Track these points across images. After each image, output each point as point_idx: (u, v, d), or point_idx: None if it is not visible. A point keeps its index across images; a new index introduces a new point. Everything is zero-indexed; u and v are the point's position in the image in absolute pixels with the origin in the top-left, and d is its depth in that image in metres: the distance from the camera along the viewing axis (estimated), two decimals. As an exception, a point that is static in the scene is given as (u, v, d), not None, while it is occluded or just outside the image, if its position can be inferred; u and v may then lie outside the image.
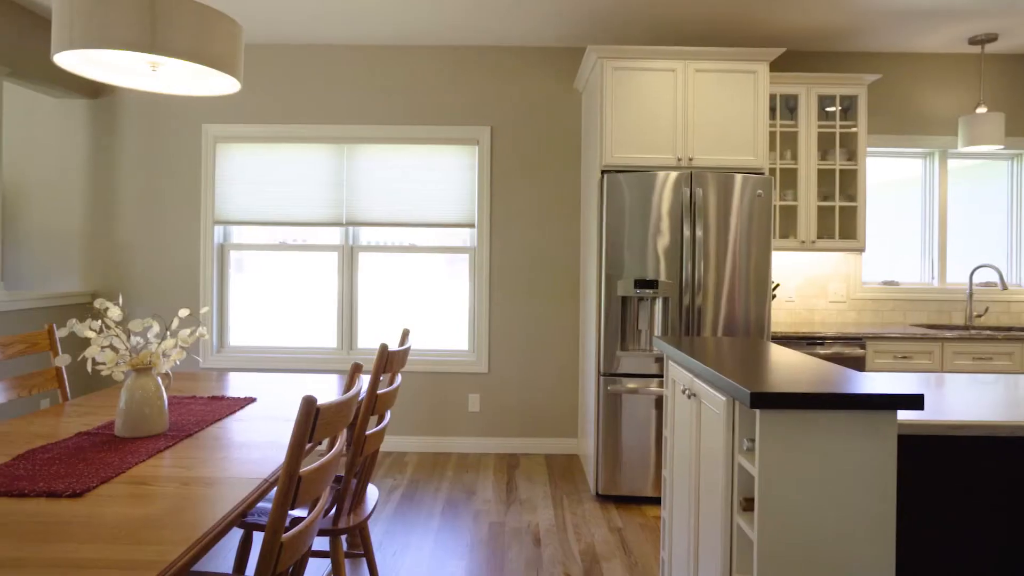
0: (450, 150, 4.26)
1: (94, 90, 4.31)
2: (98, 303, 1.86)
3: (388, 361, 2.14)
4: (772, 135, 3.99)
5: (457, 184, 4.26)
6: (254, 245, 4.33)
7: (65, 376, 2.35)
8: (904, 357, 3.62)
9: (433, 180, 4.26)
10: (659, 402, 3.37)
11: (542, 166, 4.26)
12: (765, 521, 1.47)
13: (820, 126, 3.93)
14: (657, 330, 3.41)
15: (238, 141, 4.28)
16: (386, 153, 4.26)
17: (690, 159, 3.50)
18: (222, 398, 2.30)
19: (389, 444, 4.24)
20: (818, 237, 4.00)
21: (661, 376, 3.40)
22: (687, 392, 2.06)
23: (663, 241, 3.37)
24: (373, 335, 4.33)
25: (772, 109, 3.98)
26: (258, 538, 2.82)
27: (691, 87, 3.50)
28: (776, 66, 4.25)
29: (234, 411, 2.14)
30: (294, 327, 4.35)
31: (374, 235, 4.33)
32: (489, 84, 4.25)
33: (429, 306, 4.33)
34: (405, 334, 2.46)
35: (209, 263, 4.28)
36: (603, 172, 3.51)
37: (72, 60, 1.95)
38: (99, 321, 1.89)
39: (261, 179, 4.27)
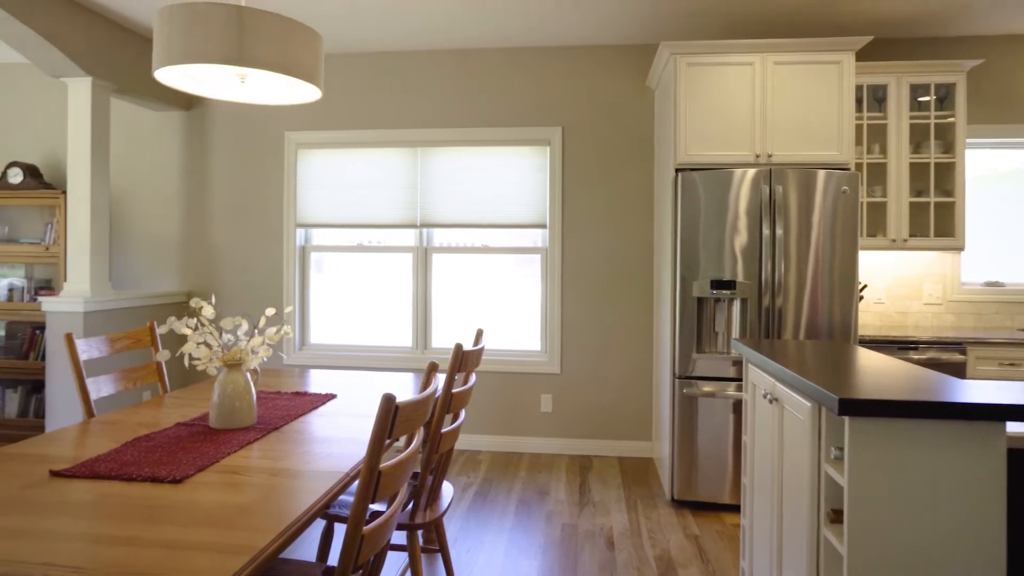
0: (522, 151, 4.29)
1: (188, 103, 4.60)
2: (194, 302, 1.98)
3: (463, 360, 2.17)
4: (858, 128, 3.79)
5: (529, 185, 4.27)
6: (333, 247, 4.50)
7: (164, 370, 2.51)
8: (1012, 364, 3.35)
9: (505, 181, 4.29)
10: (737, 406, 3.27)
11: (614, 165, 4.21)
12: (856, 535, 1.40)
13: (912, 117, 3.70)
14: (735, 332, 3.30)
15: (318, 147, 4.45)
16: (459, 156, 4.33)
17: (769, 155, 3.37)
18: (305, 394, 2.40)
19: (463, 442, 4.30)
20: (910, 235, 3.77)
21: (739, 380, 3.29)
22: (768, 397, 1.98)
23: (741, 240, 3.26)
24: (447, 334, 4.41)
25: (858, 101, 3.78)
26: (339, 529, 2.93)
27: (770, 81, 3.37)
28: (862, 55, 4.04)
29: (316, 407, 2.23)
30: (371, 326, 4.48)
31: (448, 236, 4.40)
32: (560, 85, 4.24)
33: (502, 306, 4.37)
34: (479, 334, 2.49)
35: (292, 264, 4.48)
36: (677, 170, 3.44)
37: (170, 75, 2.08)
38: (195, 319, 2.01)
39: (339, 183, 4.43)
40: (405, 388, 2.58)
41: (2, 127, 4.77)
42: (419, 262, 4.40)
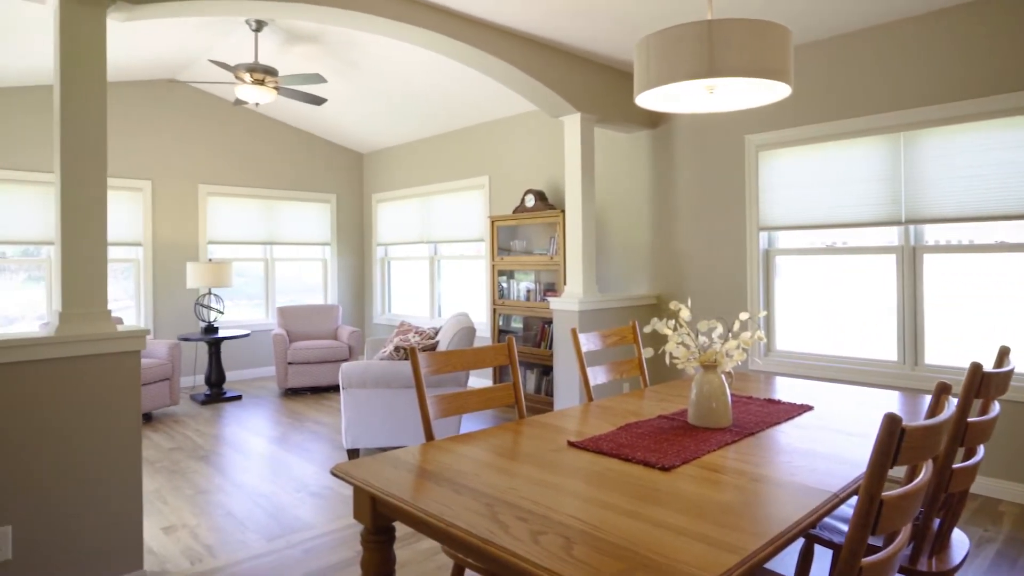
0: (1062, 114, 3.25)
1: (654, 122, 5.01)
2: (672, 305, 2.12)
3: (982, 384, 1.75)
4: None
5: (1074, 157, 3.21)
6: (799, 249, 4.24)
7: (645, 365, 2.77)
8: None
9: (1033, 157, 3.32)
10: None
11: None
12: None
13: None
14: None
15: (779, 147, 4.27)
16: (956, 135, 3.55)
17: None
18: (777, 402, 2.31)
19: (977, 486, 3.50)
20: None
21: None
22: None
23: None
24: (944, 349, 3.66)
25: None
26: (819, 552, 2.72)
27: None
28: None
29: (791, 416, 2.12)
30: (842, 334, 4.06)
31: (942, 233, 3.66)
32: None
33: (1026, 318, 3.39)
34: (1003, 353, 1.97)
35: (755, 268, 4.41)
36: None
37: (648, 98, 2.28)
38: (673, 320, 2.15)
39: (804, 182, 4.16)
40: (892, 408, 2.23)
41: (520, 163, 6.08)
42: (904, 263, 3.77)
